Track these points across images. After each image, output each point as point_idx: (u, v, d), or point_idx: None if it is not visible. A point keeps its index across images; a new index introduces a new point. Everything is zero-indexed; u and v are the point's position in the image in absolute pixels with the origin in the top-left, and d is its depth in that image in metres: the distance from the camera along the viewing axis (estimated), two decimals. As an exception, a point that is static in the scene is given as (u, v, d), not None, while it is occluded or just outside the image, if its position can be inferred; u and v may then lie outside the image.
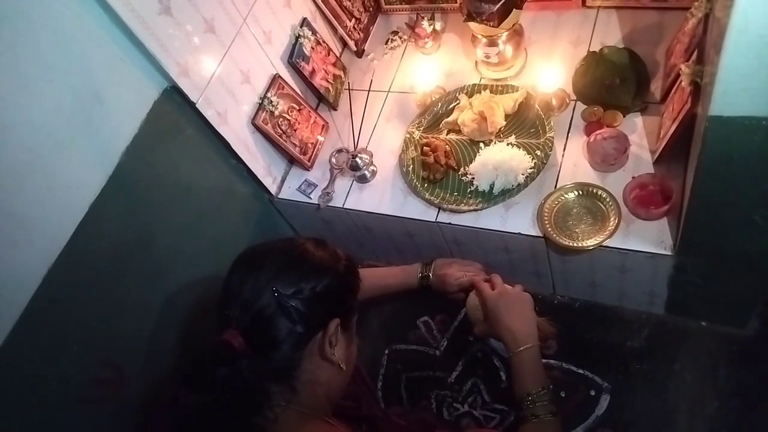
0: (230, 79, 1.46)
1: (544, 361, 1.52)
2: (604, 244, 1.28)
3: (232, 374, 0.85)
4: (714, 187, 1.01)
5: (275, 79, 1.58)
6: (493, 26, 1.46)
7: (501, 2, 1.41)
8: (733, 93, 0.81)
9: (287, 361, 0.91)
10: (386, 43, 1.89)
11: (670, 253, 1.25)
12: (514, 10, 1.46)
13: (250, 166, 1.58)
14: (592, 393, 1.48)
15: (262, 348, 0.90)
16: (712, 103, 0.84)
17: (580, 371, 1.51)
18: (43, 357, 1.15)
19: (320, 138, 1.74)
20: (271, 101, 1.55)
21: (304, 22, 1.68)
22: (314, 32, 1.71)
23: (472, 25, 1.52)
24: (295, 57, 1.63)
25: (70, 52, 1.14)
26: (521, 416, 1.10)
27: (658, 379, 1.45)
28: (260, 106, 1.54)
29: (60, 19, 1.11)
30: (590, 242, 1.29)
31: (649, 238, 1.28)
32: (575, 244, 1.30)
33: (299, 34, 1.65)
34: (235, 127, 1.50)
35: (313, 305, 0.91)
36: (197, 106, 1.37)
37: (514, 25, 1.52)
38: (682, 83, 1.17)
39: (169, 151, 1.38)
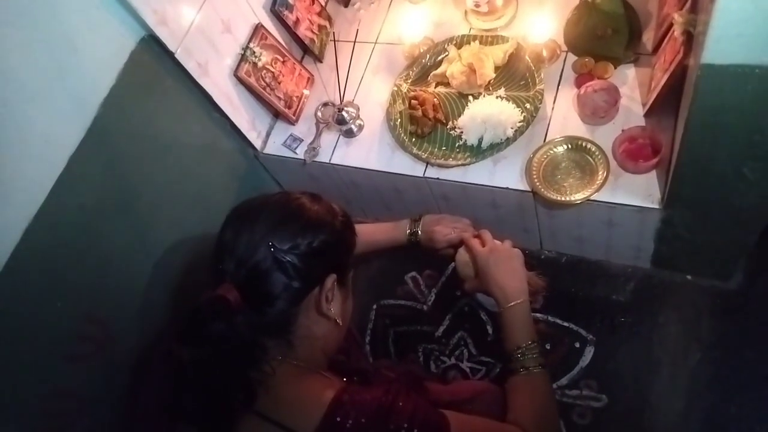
0: (210, 29, 1.41)
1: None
2: (592, 198, 1.27)
3: (228, 329, 0.84)
4: (704, 139, 1.00)
5: (258, 29, 1.53)
6: (483, -27, 1.41)
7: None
8: (727, 39, 0.79)
9: (283, 316, 0.91)
10: (373, -8, 1.83)
11: (657, 207, 1.25)
12: (504, -44, 1.41)
13: (233, 120, 1.54)
14: (577, 345, 1.50)
15: (258, 303, 0.89)
16: (705, 51, 0.82)
17: (566, 324, 1.53)
18: (26, 313, 1.14)
19: (305, 91, 1.70)
20: (254, 52, 1.51)
21: (288, -31, 1.61)
22: (298, -20, 1.64)
23: (462, -28, 1.47)
24: (278, 5, 1.58)
25: (40, -1, 1.09)
26: (511, 368, 1.10)
27: (643, 332, 1.47)
28: (243, 58, 1.50)
29: (28, -38, 1.06)
30: (578, 196, 1.28)
31: (637, 191, 1.27)
32: (563, 199, 1.29)
33: (282, -18, 1.59)
34: (217, 79, 1.45)
35: (310, 260, 0.90)
36: (176, 56, 1.32)
37: (504, -28, 1.47)
38: (675, 33, 1.14)
39: (149, 104, 1.34)
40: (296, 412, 0.85)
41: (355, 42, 1.67)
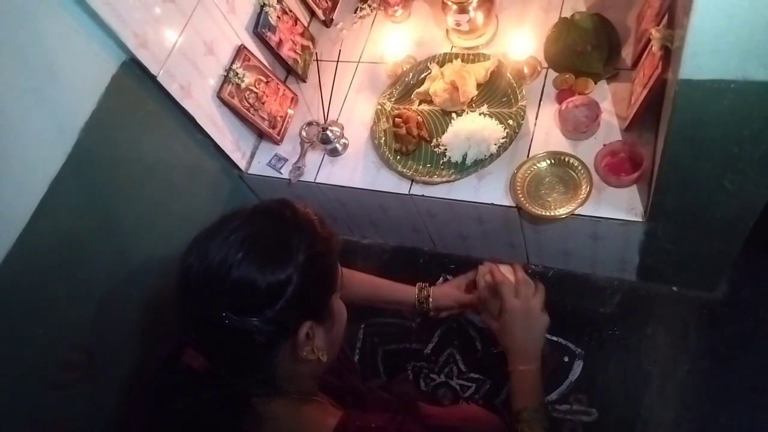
0: (193, 51, 1.40)
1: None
2: (576, 212, 1.28)
3: (200, 400, 0.79)
4: (684, 152, 1.01)
5: (240, 50, 1.53)
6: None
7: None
8: (703, 55, 0.80)
9: (259, 371, 0.82)
10: (355, 12, 1.84)
11: (641, 220, 1.26)
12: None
13: (217, 141, 1.54)
14: (566, 359, 1.49)
15: (227, 366, 0.82)
16: (682, 67, 0.83)
17: (554, 338, 1.53)
18: (7, 341, 1.12)
19: (290, 111, 1.70)
20: (237, 73, 1.51)
21: (269, -9, 1.62)
22: (280, 1, 1.65)
23: (442, -9, 1.48)
24: (260, 27, 1.58)
25: (19, 23, 1.09)
26: (515, 428, 1.06)
27: (631, 344, 1.47)
28: (226, 79, 1.50)
29: (7, -12, 1.05)
30: (562, 211, 1.29)
31: (620, 205, 1.28)
32: (548, 213, 1.30)
33: (264, 3, 1.60)
34: (200, 101, 1.45)
35: (276, 321, 0.77)
36: (158, 79, 1.32)
37: (484, -9, 1.49)
38: (653, 48, 1.16)
39: (131, 127, 1.34)
40: None
41: (338, 61, 1.68)
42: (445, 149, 1.47)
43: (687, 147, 0.99)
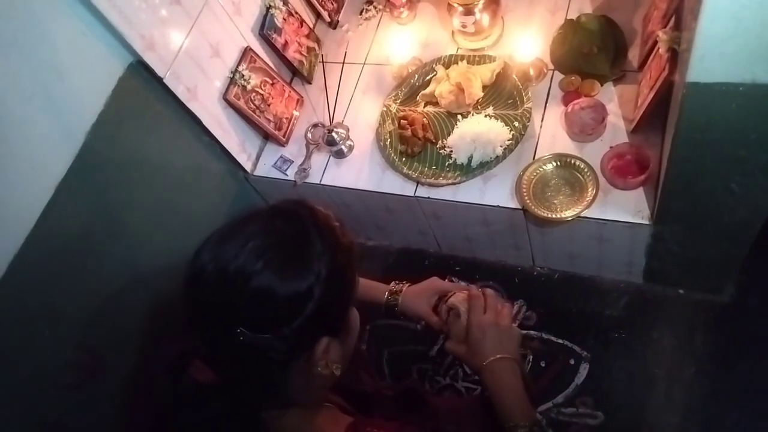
0: (199, 53, 1.41)
1: (524, 332, 1.54)
2: (582, 214, 1.28)
3: (208, 414, 0.74)
4: (691, 155, 1.01)
5: (246, 52, 1.53)
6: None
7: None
8: (711, 58, 0.80)
9: (270, 387, 0.78)
10: (361, 14, 1.84)
11: (647, 223, 1.25)
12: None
13: (223, 143, 1.54)
14: (572, 362, 1.49)
15: (237, 381, 0.77)
16: (690, 70, 0.83)
17: (560, 341, 1.52)
18: (14, 343, 1.13)
19: (295, 113, 1.70)
20: (243, 75, 1.51)
21: (275, -7, 1.62)
22: (286, 2, 1.66)
23: (448, -7, 1.48)
24: (266, 29, 1.58)
25: (26, 25, 1.09)
26: None
27: (637, 347, 1.47)
28: (232, 81, 1.50)
29: (14, -9, 1.06)
30: (568, 213, 1.28)
31: (626, 207, 1.28)
32: (554, 216, 1.29)
33: (270, 5, 1.60)
34: (206, 103, 1.45)
35: (294, 339, 0.73)
36: (165, 81, 1.32)
37: (490, -8, 1.48)
38: (660, 50, 1.16)
39: (138, 129, 1.34)
40: None
41: (343, 63, 1.68)
42: (451, 151, 1.47)
43: (694, 150, 0.99)
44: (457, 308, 1.02)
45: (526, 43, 1.47)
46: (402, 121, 1.53)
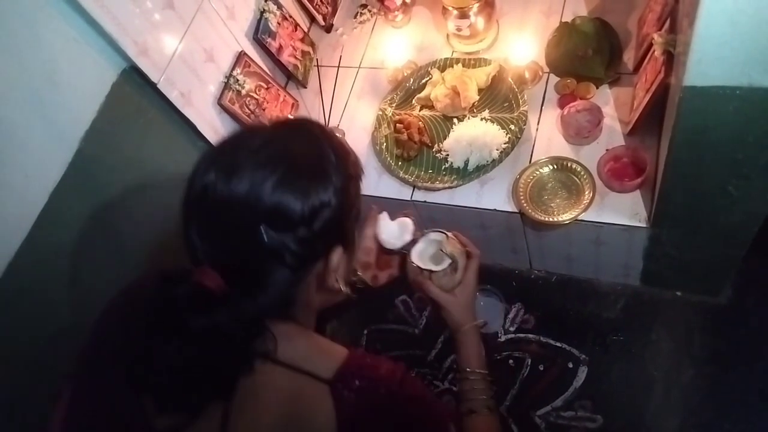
0: (193, 58, 1.40)
1: (521, 335, 1.54)
2: (579, 218, 1.27)
3: (212, 322, 0.70)
4: (688, 158, 1.00)
5: (240, 57, 1.53)
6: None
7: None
8: (707, 62, 0.79)
9: (279, 298, 0.76)
10: (355, 17, 1.84)
11: (644, 225, 1.25)
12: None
13: (218, 148, 1.53)
14: (570, 365, 1.49)
15: (246, 289, 0.74)
16: (686, 74, 0.82)
17: (558, 344, 1.52)
18: (7, 353, 1.11)
19: (290, 117, 1.69)
20: (237, 80, 1.50)
21: (269, -3, 1.62)
22: (280, 6, 1.65)
23: (443, -4, 1.48)
24: (260, 33, 1.58)
25: (18, 32, 1.08)
26: (461, 387, 1.01)
27: (635, 350, 1.47)
28: (226, 86, 1.49)
29: (6, -3, 1.05)
30: (565, 216, 1.28)
31: (623, 210, 1.28)
32: (551, 219, 1.29)
33: (264, 9, 1.59)
34: (201, 108, 1.44)
35: (311, 242, 0.73)
36: (159, 86, 1.31)
37: (485, -5, 1.48)
38: (655, 53, 1.16)
39: (132, 135, 1.33)
40: (314, 358, 0.75)
41: (338, 67, 1.68)
42: (447, 155, 1.47)
43: (691, 152, 0.99)
44: (456, 261, 1.00)
45: (522, 46, 1.47)
46: (398, 124, 1.53)
